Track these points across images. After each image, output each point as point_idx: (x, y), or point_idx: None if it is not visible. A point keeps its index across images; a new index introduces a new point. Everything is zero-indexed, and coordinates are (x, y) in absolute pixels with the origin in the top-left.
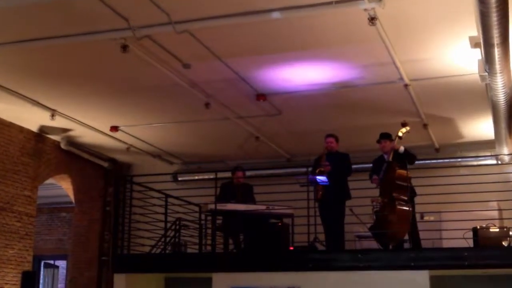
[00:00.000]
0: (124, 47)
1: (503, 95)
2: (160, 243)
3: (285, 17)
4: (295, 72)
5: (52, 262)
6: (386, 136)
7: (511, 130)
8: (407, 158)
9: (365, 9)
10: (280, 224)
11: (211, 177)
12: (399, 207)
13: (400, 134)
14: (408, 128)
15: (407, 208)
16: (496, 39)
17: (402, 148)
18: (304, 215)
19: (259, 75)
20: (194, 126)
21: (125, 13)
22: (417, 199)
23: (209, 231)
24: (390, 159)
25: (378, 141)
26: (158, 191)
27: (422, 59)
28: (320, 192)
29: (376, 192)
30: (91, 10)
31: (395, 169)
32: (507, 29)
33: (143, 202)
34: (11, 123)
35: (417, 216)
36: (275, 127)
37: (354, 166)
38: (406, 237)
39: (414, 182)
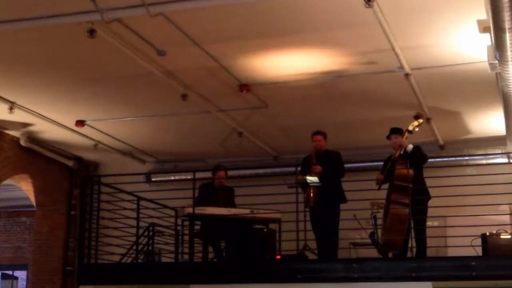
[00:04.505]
0: (91, 32)
1: None
2: (131, 251)
3: None
4: (283, 60)
5: (10, 272)
6: (397, 131)
7: None
8: (415, 158)
9: None
10: (265, 230)
11: (189, 177)
12: (392, 210)
13: (410, 128)
14: (421, 121)
15: (403, 212)
16: (507, 23)
17: (410, 146)
18: (293, 220)
19: (243, 63)
20: (169, 121)
21: None
22: None
23: (186, 238)
24: (397, 155)
25: (388, 137)
26: (129, 193)
27: (424, 45)
28: (312, 198)
29: (375, 194)
30: None
31: (396, 168)
32: None
33: (112, 206)
34: None
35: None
36: (260, 122)
37: (348, 165)
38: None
39: None
